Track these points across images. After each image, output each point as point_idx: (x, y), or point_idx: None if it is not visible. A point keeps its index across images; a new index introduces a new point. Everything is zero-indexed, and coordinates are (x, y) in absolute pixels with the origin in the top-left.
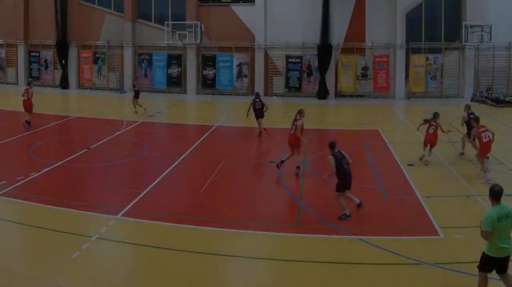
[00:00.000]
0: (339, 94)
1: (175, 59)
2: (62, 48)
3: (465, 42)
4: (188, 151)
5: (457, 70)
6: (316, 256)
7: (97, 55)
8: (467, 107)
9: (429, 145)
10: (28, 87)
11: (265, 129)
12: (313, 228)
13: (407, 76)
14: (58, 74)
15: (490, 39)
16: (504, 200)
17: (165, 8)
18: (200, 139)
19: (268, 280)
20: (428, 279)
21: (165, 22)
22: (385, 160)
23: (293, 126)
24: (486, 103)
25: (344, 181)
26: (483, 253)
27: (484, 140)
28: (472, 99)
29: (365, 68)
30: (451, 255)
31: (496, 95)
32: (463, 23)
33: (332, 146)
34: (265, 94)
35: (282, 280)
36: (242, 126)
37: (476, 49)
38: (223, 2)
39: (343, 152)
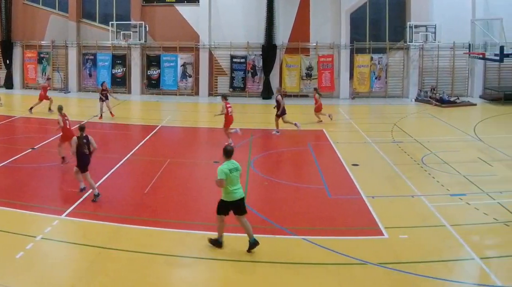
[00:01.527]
0: (283, 94)
1: (119, 59)
2: (6, 48)
3: (409, 42)
4: (133, 151)
5: (401, 70)
6: (261, 256)
7: (42, 55)
8: (278, 90)
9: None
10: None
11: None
12: (257, 228)
13: (351, 76)
14: (3, 74)
15: (435, 39)
16: (449, 199)
17: (110, 8)
18: (145, 140)
19: (212, 280)
20: (373, 279)
21: (110, 22)
22: (329, 159)
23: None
24: (431, 103)
25: (81, 162)
26: (220, 200)
27: (230, 114)
28: (417, 99)
29: (309, 68)
30: (395, 255)
31: (440, 95)
32: (408, 23)
33: (81, 128)
34: (210, 94)
35: (226, 280)
36: (186, 127)
37: (420, 49)
38: (167, 2)
39: (89, 137)
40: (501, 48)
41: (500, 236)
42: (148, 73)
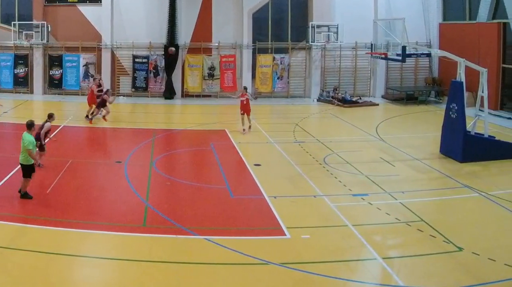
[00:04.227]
0: (186, 95)
1: (21, 59)
2: None
3: (311, 42)
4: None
5: (303, 70)
6: (163, 256)
7: None
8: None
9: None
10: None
11: None
12: (159, 228)
13: (253, 76)
14: None
15: (337, 39)
16: (351, 199)
17: (12, 8)
18: (47, 140)
19: (115, 281)
20: (275, 279)
21: (12, 22)
22: (231, 159)
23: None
24: (333, 103)
25: None
26: None
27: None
28: (319, 99)
29: (211, 68)
30: (298, 255)
31: (343, 95)
32: (310, 23)
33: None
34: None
35: (129, 280)
36: (88, 127)
37: (322, 49)
38: (69, 2)
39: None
40: (403, 48)
41: (402, 236)
42: (51, 73)
